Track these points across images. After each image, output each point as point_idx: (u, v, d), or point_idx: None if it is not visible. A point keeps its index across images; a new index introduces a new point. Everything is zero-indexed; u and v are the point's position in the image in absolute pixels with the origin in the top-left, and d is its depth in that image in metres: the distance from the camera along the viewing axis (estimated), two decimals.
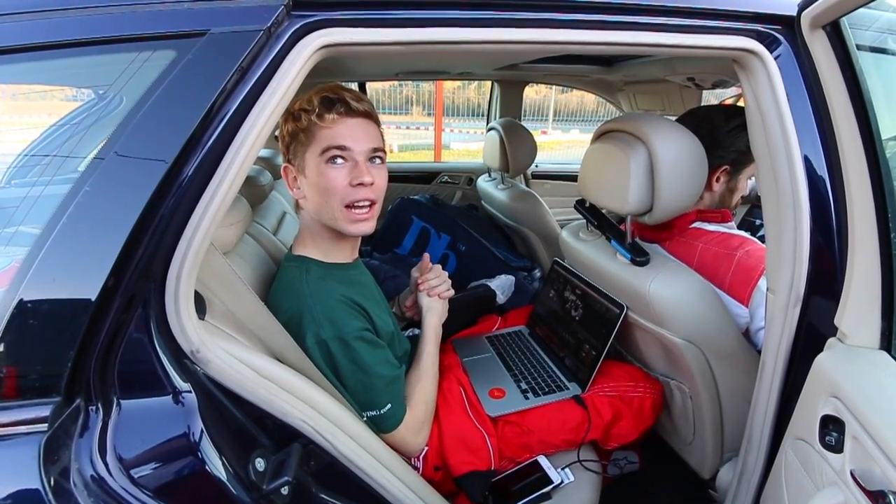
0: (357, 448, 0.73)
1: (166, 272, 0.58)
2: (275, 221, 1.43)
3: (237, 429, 0.63)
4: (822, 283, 0.78)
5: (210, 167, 0.58)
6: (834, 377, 0.64)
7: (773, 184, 0.82)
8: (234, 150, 0.58)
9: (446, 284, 1.13)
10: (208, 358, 0.60)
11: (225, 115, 0.58)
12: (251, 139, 0.59)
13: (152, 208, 0.55)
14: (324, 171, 0.84)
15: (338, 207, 0.85)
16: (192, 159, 0.57)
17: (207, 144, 0.57)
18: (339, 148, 0.84)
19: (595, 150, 1.12)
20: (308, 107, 0.84)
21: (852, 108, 0.64)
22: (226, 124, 0.58)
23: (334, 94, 0.85)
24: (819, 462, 0.64)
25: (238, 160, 0.58)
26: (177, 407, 0.58)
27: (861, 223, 0.67)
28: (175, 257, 0.57)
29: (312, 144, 0.85)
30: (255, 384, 0.64)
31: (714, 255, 1.04)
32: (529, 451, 1.05)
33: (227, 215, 0.93)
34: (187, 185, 0.57)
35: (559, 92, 10.35)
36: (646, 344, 1.15)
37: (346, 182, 0.84)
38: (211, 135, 0.57)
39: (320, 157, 0.84)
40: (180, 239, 0.57)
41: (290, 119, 0.86)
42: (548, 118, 10.77)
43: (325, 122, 0.84)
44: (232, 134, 0.59)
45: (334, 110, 0.85)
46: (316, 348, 0.82)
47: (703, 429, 1.10)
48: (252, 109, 0.59)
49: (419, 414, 0.95)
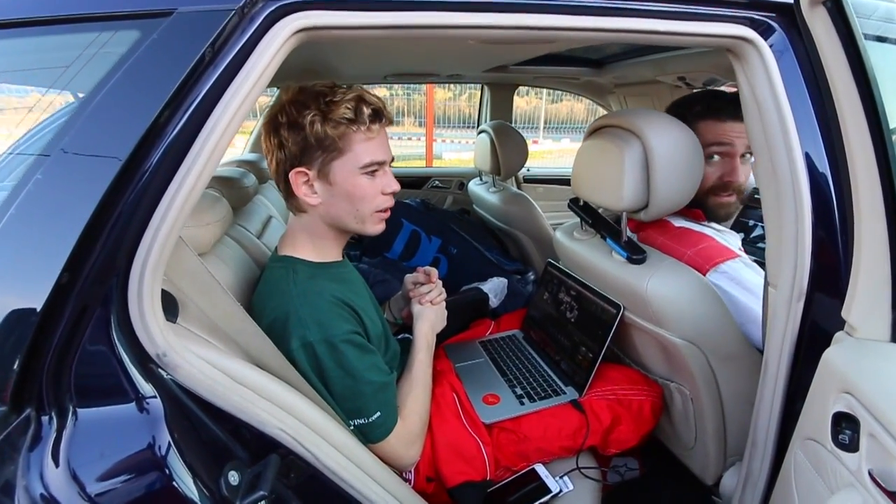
0: (342, 459, 0.68)
1: (129, 269, 0.53)
2: (259, 225, 1.38)
3: (209, 440, 0.58)
4: (826, 275, 0.75)
5: (176, 156, 0.54)
6: (845, 372, 0.60)
7: (771, 175, 0.79)
8: (202, 139, 0.54)
9: (438, 289, 1.09)
10: (176, 362, 0.55)
11: (193, 101, 0.54)
12: (221, 127, 0.55)
13: (111, 199, 0.50)
14: (359, 183, 0.83)
15: (369, 213, 0.86)
16: (156, 148, 0.53)
17: (173, 133, 0.53)
18: (379, 164, 0.84)
19: (588, 146, 1.09)
20: (351, 115, 0.79)
21: (856, 88, 0.62)
22: (193, 111, 0.54)
23: (377, 104, 0.83)
24: (832, 462, 0.60)
25: (207, 150, 0.55)
26: (141, 416, 0.53)
27: (868, 210, 0.64)
28: (138, 253, 0.53)
29: (348, 155, 0.81)
30: (228, 390, 0.59)
31: (670, 250, 1.03)
32: (526, 460, 1.01)
33: (204, 214, 0.89)
34: (150, 176, 0.53)
35: (549, 102, 10.46)
36: (644, 345, 1.12)
37: (379, 191, 0.86)
38: (177, 122, 0.53)
39: (359, 169, 0.82)
40: (144, 233, 0.53)
41: (316, 123, 0.78)
42: (538, 127, 10.85)
43: (371, 133, 0.82)
44: (200, 122, 0.55)
45: (380, 123, 0.83)
46: (301, 351, 0.77)
47: (704, 433, 1.06)
48: (223, 96, 0.56)
49: (411, 425, 0.90)
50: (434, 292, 1.07)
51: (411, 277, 1.13)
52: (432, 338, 1.04)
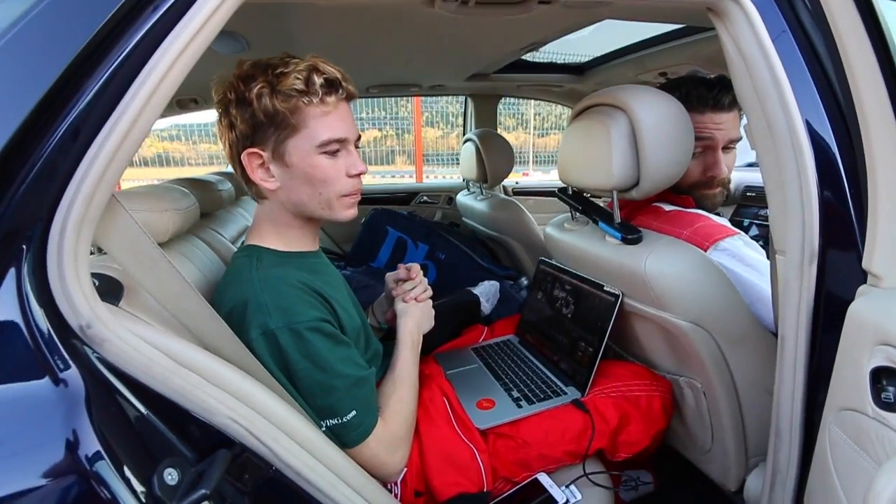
0: (307, 457, 0.58)
1: (50, 224, 0.46)
2: (235, 233, 1.32)
3: (143, 430, 0.49)
4: (837, 230, 0.69)
5: (110, 98, 0.48)
6: (880, 322, 0.53)
7: (766, 133, 0.75)
8: (140, 81, 0.49)
9: (422, 286, 1.01)
10: (104, 336, 0.47)
11: (132, 38, 0.49)
12: (161, 69, 0.49)
13: (27, 139, 0.44)
14: (319, 163, 0.75)
15: (335, 197, 0.79)
16: (85, 87, 0.47)
17: (107, 71, 0.48)
18: (339, 141, 0.76)
19: (573, 128, 1.05)
20: (301, 86, 0.71)
21: (861, 20, 0.57)
22: (132, 50, 0.49)
23: (332, 73, 0.74)
24: (877, 429, 0.52)
25: (144, 92, 0.49)
26: (54, 397, 0.44)
27: (881, 148, 0.58)
28: (61, 206, 0.46)
29: (303, 132, 0.74)
30: (168, 372, 0.50)
31: (666, 232, 0.97)
32: (527, 469, 0.90)
33: (162, 200, 0.83)
34: (79, 118, 0.46)
35: (537, 136, 10.72)
36: (648, 336, 1.03)
37: (343, 173, 0.78)
38: (113, 59, 0.48)
39: (316, 148, 0.75)
40: (68, 184, 0.46)
41: (265, 96, 0.71)
42: (528, 161, 11.08)
43: (326, 107, 0.74)
44: (140, 61, 0.49)
45: (336, 94, 0.76)
46: (261, 340, 0.69)
47: (721, 430, 0.96)
48: (166, 37, 0.50)
49: (395, 427, 0.80)
50: (418, 289, 1.00)
51: (392, 275, 1.05)
52: (418, 336, 0.95)
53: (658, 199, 1.06)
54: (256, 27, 1.11)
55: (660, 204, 1.06)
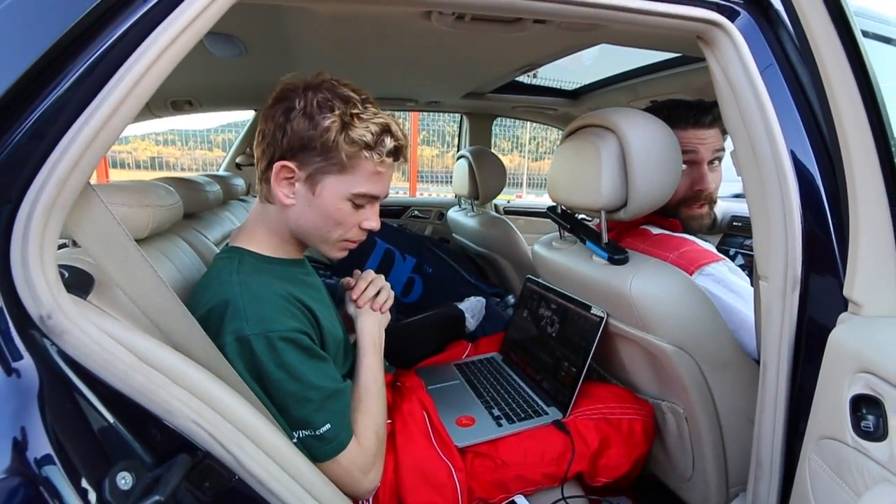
0: (273, 467, 0.56)
1: (17, 208, 0.44)
2: (220, 236, 1.30)
3: (99, 430, 0.47)
4: (819, 258, 0.69)
5: (94, 85, 0.47)
6: (860, 349, 0.53)
7: (752, 159, 0.76)
8: (123, 71, 0.48)
9: (386, 292, 0.94)
10: (64, 327, 0.45)
11: (119, 27, 0.48)
12: (146, 61, 0.49)
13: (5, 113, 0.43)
14: (343, 207, 0.75)
15: (337, 238, 0.79)
16: (68, 71, 0.46)
17: (91, 57, 0.47)
18: (372, 197, 0.77)
19: (564, 148, 1.06)
20: (370, 140, 0.71)
21: (842, 46, 0.59)
22: (119, 38, 0.48)
23: (402, 141, 0.76)
24: (856, 459, 0.51)
25: (126, 82, 0.48)
26: (5, 392, 0.42)
27: (863, 177, 0.59)
28: (31, 189, 0.44)
29: (347, 176, 0.73)
30: (131, 369, 0.48)
31: (652, 255, 0.97)
32: (505, 490, 0.87)
33: (143, 195, 0.81)
34: (62, 102, 0.45)
35: (531, 160, 10.89)
36: (632, 359, 1.02)
37: (357, 222, 0.78)
38: (99, 46, 0.47)
39: (351, 194, 0.74)
40: (41, 167, 0.45)
41: (333, 129, 0.69)
42: (522, 183, 11.21)
43: (382, 167, 0.74)
44: (126, 51, 0.48)
45: (395, 160, 0.76)
46: (235, 345, 0.66)
47: (703, 458, 0.95)
48: (158, 26, 0.50)
49: (368, 445, 0.77)
50: (382, 294, 0.93)
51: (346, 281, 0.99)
52: (380, 339, 0.90)
53: (646, 221, 1.07)
54: (254, 32, 1.11)
55: (647, 227, 1.07)
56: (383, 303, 0.92)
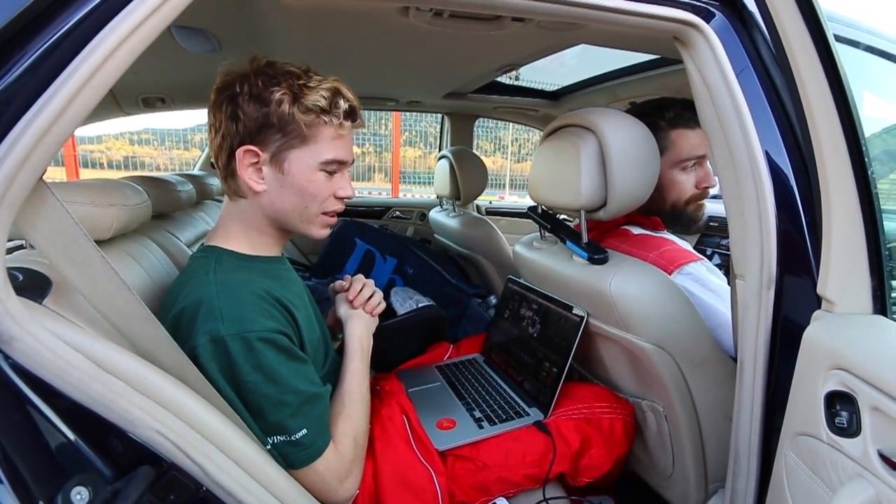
0: (244, 477, 0.53)
1: None
2: (193, 237, 1.25)
3: (53, 443, 0.44)
4: (794, 256, 0.70)
5: (46, 75, 0.44)
6: (833, 346, 0.53)
7: (728, 160, 0.77)
8: (79, 61, 0.45)
9: (378, 297, 0.96)
10: (13, 334, 0.42)
11: (74, 14, 0.45)
12: (104, 50, 0.46)
13: None
14: (315, 178, 0.75)
15: (316, 212, 0.78)
16: (15, 59, 0.43)
17: (49, 40, 0.44)
18: (340, 163, 0.77)
19: (544, 148, 1.06)
20: (325, 104, 0.72)
21: (815, 49, 0.60)
22: (75, 26, 0.45)
23: (354, 101, 0.76)
24: (831, 455, 0.51)
25: (82, 72, 0.45)
26: None
27: (835, 177, 0.60)
28: None
29: (311, 146, 0.73)
30: (87, 376, 0.45)
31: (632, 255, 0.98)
32: (486, 493, 0.86)
33: (107, 195, 0.78)
34: (9, 92, 0.42)
35: (514, 161, 10.97)
36: (612, 358, 1.03)
37: (332, 191, 0.78)
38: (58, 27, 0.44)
39: (319, 164, 0.74)
40: None
41: (285, 102, 0.70)
42: (505, 185, 11.28)
43: (342, 130, 0.74)
44: (82, 40, 0.46)
45: (352, 121, 0.76)
46: (209, 346, 0.63)
47: (682, 455, 0.95)
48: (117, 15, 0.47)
49: (345, 451, 0.75)
50: (375, 298, 0.94)
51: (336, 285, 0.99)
52: (368, 343, 0.90)
53: (626, 220, 1.07)
54: (228, 28, 1.08)
55: (628, 227, 1.07)
56: (375, 306, 0.93)
